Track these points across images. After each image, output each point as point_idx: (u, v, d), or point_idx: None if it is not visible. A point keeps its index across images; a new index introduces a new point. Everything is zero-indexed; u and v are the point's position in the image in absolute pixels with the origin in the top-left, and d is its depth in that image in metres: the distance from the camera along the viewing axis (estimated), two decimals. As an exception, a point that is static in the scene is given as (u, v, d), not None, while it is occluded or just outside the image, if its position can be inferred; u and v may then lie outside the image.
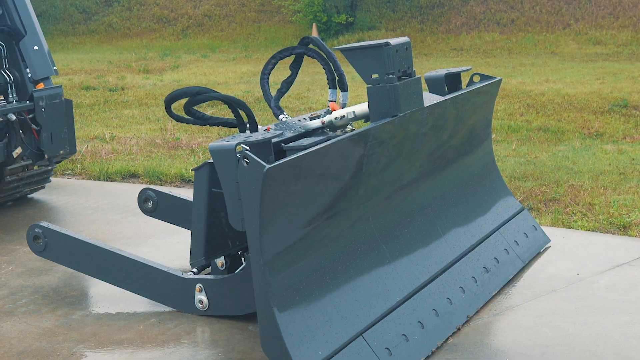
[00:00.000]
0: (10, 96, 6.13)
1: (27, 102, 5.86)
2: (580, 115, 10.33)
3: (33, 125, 5.83)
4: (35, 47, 6.19)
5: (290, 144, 3.98)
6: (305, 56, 4.90)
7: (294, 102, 12.06)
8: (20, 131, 5.88)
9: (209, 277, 4.34)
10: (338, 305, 3.70)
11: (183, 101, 4.41)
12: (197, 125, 7.19)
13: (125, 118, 11.48)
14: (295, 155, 3.48)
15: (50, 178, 6.98)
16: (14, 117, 5.80)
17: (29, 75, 6.14)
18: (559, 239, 5.43)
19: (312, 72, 14.71)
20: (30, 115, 5.82)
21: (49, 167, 6.74)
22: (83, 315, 4.52)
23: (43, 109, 5.83)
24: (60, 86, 6.10)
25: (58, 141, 5.98)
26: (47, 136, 5.89)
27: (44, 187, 7.00)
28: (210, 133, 9.84)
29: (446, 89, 5.10)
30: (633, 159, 7.86)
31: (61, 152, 6.03)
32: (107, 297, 4.77)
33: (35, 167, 6.56)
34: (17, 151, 6.00)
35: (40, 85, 6.12)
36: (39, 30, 6.30)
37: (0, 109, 5.68)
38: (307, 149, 3.65)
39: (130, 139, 9.64)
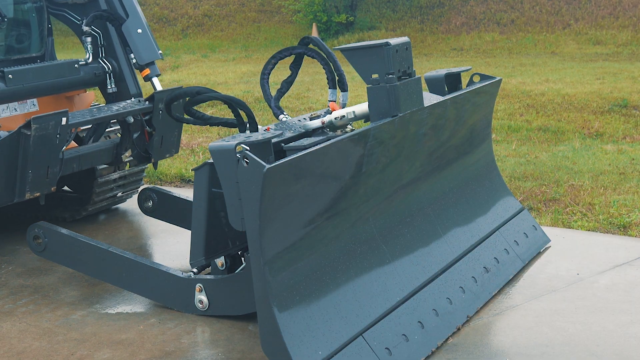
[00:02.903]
0: (109, 86, 5.81)
1: (147, 102, 5.52)
2: (580, 115, 10.33)
3: (147, 127, 5.52)
4: (139, 30, 5.75)
5: (290, 144, 3.98)
6: (305, 56, 4.90)
7: (294, 102, 12.06)
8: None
9: (209, 277, 4.34)
10: (338, 305, 3.70)
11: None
12: (197, 125, 7.18)
13: (125, 118, 11.46)
14: (295, 155, 3.48)
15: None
16: (132, 120, 5.51)
17: (134, 60, 5.75)
18: (559, 239, 5.43)
19: (312, 72, 14.71)
20: (147, 117, 5.50)
21: (143, 168, 6.32)
22: (83, 315, 4.52)
23: (160, 112, 5.49)
24: (181, 87, 5.85)
25: (167, 144, 5.68)
26: (158, 140, 5.58)
27: (136, 192, 6.47)
28: (210, 133, 9.84)
29: (446, 89, 5.10)
30: (633, 159, 7.85)
31: (167, 155, 5.74)
32: (107, 297, 4.78)
33: (127, 167, 6.18)
34: (127, 154, 5.69)
35: (146, 71, 5.75)
36: (141, 12, 5.87)
37: (121, 111, 5.34)
38: (307, 149, 3.65)
39: (130, 139, 9.62)
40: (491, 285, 4.56)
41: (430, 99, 4.64)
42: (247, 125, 4.39)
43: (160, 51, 5.82)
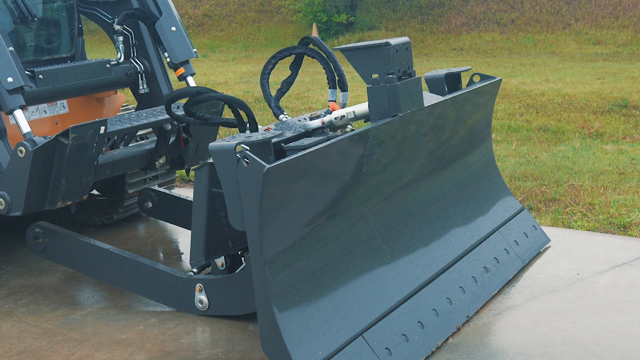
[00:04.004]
0: (141, 87, 5.66)
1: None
2: (580, 115, 10.33)
3: (183, 134, 5.38)
4: (173, 28, 5.52)
5: (290, 144, 3.97)
6: (305, 56, 4.90)
7: (294, 102, 12.06)
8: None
9: (209, 277, 4.34)
10: (338, 305, 3.70)
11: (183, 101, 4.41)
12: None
13: (125, 118, 11.45)
14: (295, 155, 3.48)
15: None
16: (169, 127, 5.36)
17: (168, 59, 5.53)
18: (559, 239, 5.43)
19: (312, 72, 14.71)
20: (184, 124, 5.33)
21: (174, 172, 6.16)
22: (83, 315, 4.52)
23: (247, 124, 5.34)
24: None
25: (202, 151, 5.50)
26: (193, 147, 5.43)
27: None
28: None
29: (446, 89, 5.10)
30: (633, 159, 7.86)
31: (200, 161, 5.54)
32: (107, 297, 4.78)
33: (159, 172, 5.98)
34: (161, 161, 5.50)
35: (181, 70, 5.54)
36: (174, 9, 5.64)
37: (159, 118, 5.17)
38: (307, 149, 3.65)
39: (130, 139, 9.62)
40: (491, 285, 4.56)
41: (430, 99, 4.64)
42: (247, 125, 4.39)
43: (194, 49, 5.62)
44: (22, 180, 4.46)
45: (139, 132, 5.78)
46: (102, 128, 4.60)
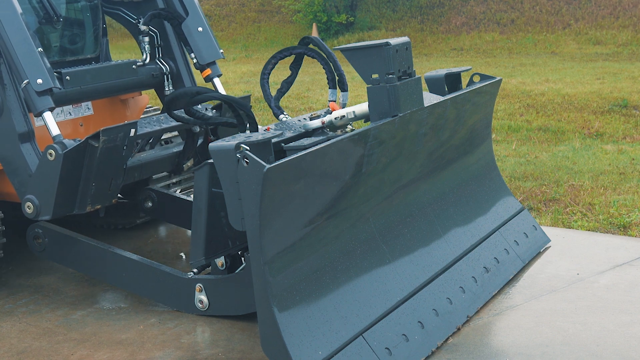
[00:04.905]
0: (167, 88, 5.57)
1: (214, 111, 5.26)
2: (580, 115, 10.33)
3: (211, 136, 5.27)
4: (200, 29, 5.42)
5: (290, 144, 3.97)
6: (305, 56, 4.90)
7: (294, 102, 12.06)
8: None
9: (209, 277, 4.34)
10: (338, 305, 3.70)
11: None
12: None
13: (125, 118, 11.46)
14: (295, 155, 3.48)
15: None
16: (198, 129, 5.26)
17: (195, 60, 5.45)
18: (559, 239, 5.43)
19: (312, 72, 14.71)
20: (212, 126, 5.22)
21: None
22: (83, 315, 4.52)
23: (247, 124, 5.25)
24: (250, 95, 5.47)
25: None
26: None
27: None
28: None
29: (446, 89, 5.10)
30: (633, 159, 7.86)
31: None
32: (107, 297, 4.78)
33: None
34: (189, 164, 5.45)
35: (207, 72, 5.47)
36: (200, 9, 5.54)
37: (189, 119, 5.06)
38: (307, 149, 3.65)
39: (130, 139, 9.62)
40: (491, 285, 4.56)
41: (430, 99, 4.64)
42: (247, 125, 4.39)
43: (221, 50, 5.54)
44: (52, 183, 4.38)
45: (165, 135, 5.72)
46: (133, 130, 4.54)
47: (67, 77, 4.92)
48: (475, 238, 4.78)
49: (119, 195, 5.91)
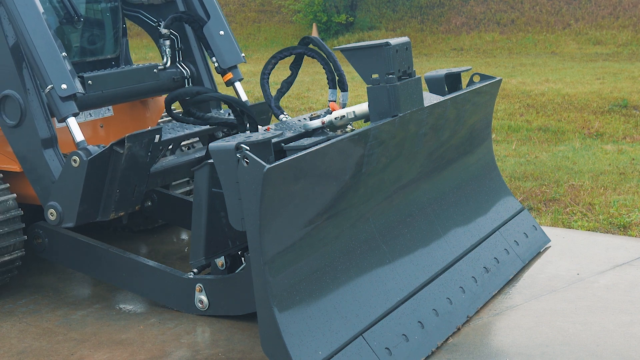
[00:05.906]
0: None
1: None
2: (580, 115, 10.33)
3: None
4: (221, 32, 5.36)
5: (290, 144, 3.97)
6: (305, 56, 4.90)
7: (294, 102, 12.06)
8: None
9: (209, 277, 4.34)
10: (338, 305, 3.70)
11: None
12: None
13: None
14: (295, 155, 3.48)
15: None
16: (221, 134, 5.24)
17: (216, 64, 5.39)
18: (559, 239, 5.43)
19: (312, 72, 14.71)
20: (235, 131, 5.08)
21: None
22: (83, 315, 4.52)
23: (247, 124, 5.03)
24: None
25: None
26: None
27: None
28: (210, 133, 9.82)
29: (446, 89, 5.10)
30: (633, 159, 7.86)
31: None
32: (107, 297, 4.78)
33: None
34: None
35: (229, 76, 5.41)
36: (222, 13, 5.48)
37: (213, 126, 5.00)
38: (307, 149, 3.65)
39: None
40: (491, 285, 4.56)
41: (430, 99, 4.64)
42: (247, 125, 4.39)
43: (243, 54, 5.49)
44: (76, 190, 4.32)
45: (186, 141, 5.65)
46: (157, 137, 4.48)
47: (90, 82, 4.84)
48: (475, 238, 4.78)
49: None
